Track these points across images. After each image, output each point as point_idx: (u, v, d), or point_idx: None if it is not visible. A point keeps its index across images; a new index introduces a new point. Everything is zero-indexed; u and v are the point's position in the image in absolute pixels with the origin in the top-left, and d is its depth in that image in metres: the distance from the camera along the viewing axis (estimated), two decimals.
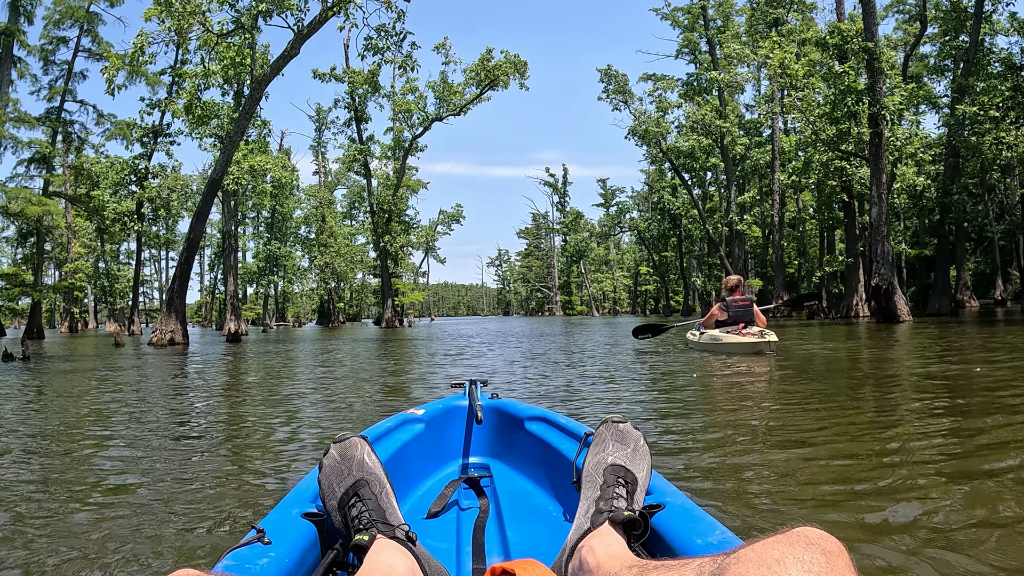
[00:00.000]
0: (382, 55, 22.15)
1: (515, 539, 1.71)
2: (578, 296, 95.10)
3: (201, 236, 21.42)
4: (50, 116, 36.46)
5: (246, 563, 1.20)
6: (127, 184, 35.43)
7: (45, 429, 4.96)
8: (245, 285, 62.68)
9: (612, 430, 1.60)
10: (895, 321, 20.32)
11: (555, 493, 2.00)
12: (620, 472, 1.49)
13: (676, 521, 1.38)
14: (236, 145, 21.07)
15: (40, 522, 2.62)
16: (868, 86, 21.07)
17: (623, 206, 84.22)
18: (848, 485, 2.84)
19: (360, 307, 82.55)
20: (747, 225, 41.97)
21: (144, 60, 21.49)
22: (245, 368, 11.37)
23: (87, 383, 8.82)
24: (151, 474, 3.40)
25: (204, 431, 4.83)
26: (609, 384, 7.03)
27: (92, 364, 12.96)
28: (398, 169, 44.45)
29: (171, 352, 16.78)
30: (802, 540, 0.78)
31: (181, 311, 21.15)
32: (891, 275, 20.60)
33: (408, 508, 1.96)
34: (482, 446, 2.45)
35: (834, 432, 4.04)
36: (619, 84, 42.81)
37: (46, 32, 36.50)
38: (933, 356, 9.19)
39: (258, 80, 20.75)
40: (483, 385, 2.72)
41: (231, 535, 2.40)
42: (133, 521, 2.58)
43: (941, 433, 3.88)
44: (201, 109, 24.21)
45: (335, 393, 7.00)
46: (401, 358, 12.65)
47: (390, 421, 2.22)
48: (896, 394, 5.80)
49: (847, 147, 22.97)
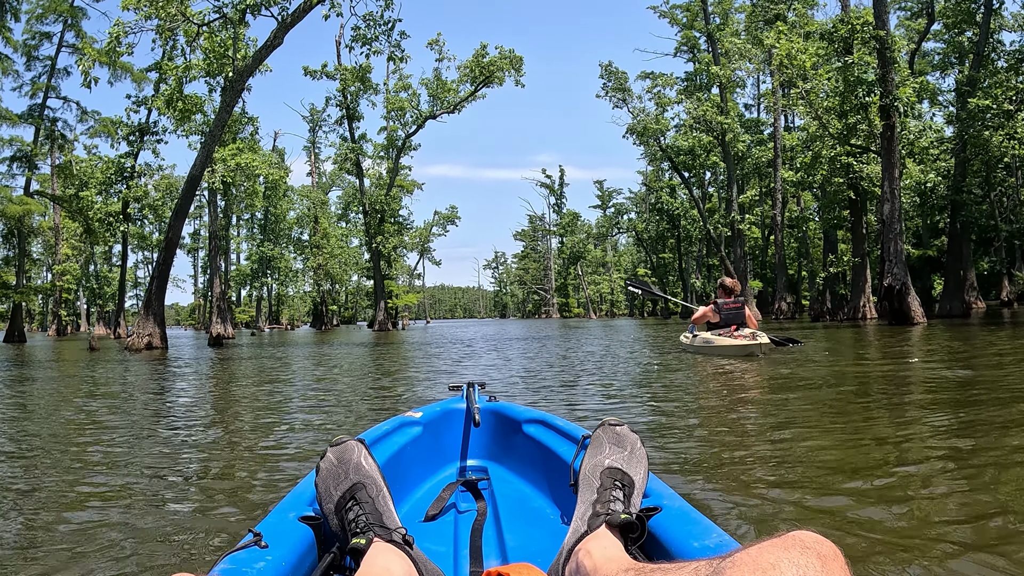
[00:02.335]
0: (370, 46, 21.18)
1: (512, 542, 1.69)
2: (575, 298, 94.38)
3: (179, 235, 20.40)
4: (33, 113, 35.38)
5: (243, 567, 1.18)
6: (113, 183, 34.44)
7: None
8: (239, 287, 61.91)
9: (609, 433, 1.58)
10: (908, 323, 19.37)
11: (552, 496, 1.99)
12: (617, 475, 1.47)
13: (673, 524, 1.35)
14: (217, 139, 20.09)
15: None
16: (879, 77, 20.13)
17: (620, 207, 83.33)
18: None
19: (355, 310, 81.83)
20: (747, 226, 41.07)
21: (121, 51, 20.58)
22: (200, 378, 10.39)
23: (12, 392, 7.83)
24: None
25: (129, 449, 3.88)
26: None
27: (45, 372, 11.99)
28: (391, 169, 43.51)
29: (145, 358, 15.79)
30: (798, 544, 0.77)
31: (160, 314, 20.17)
32: (904, 275, 19.65)
33: (405, 511, 1.95)
34: (480, 449, 2.44)
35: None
36: (619, 81, 42.01)
37: (29, 27, 35.48)
38: (987, 361, 8.26)
39: (239, 71, 19.76)
40: (481, 388, 2.68)
41: (227, 539, 2.34)
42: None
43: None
44: (183, 103, 23.29)
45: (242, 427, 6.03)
46: (369, 371, 11.69)
47: (387, 424, 2.20)
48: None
49: (857, 141, 21.97)
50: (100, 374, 10.99)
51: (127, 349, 19.06)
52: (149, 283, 20.58)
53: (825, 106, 21.56)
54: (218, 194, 35.28)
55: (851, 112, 20.60)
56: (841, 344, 13.12)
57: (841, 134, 21.60)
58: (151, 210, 37.56)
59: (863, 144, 22.55)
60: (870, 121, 20.53)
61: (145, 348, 19.24)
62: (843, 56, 21.54)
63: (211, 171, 31.62)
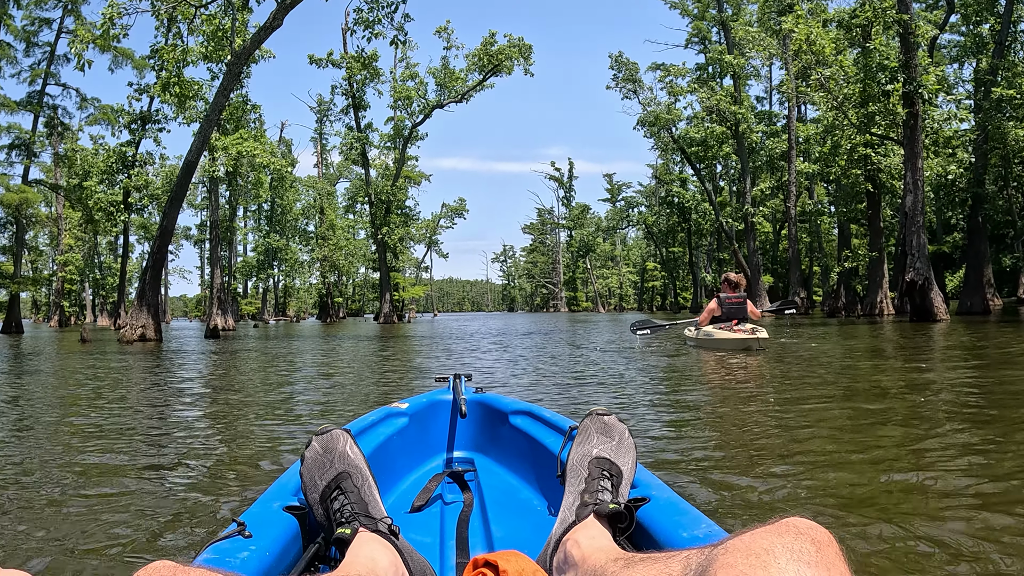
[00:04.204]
0: (372, 28, 20.44)
1: (499, 533, 1.67)
2: (583, 292, 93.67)
3: (175, 223, 19.74)
4: (32, 100, 34.80)
5: (226, 556, 1.16)
6: (115, 172, 33.89)
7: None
8: (246, 279, 61.46)
9: (597, 423, 1.55)
10: (931, 320, 18.56)
11: (540, 487, 1.96)
12: (605, 465, 1.46)
13: (661, 514, 1.34)
14: (213, 124, 19.43)
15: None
16: (902, 63, 19.27)
17: (630, 200, 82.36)
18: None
19: (363, 302, 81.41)
20: (759, 219, 40.20)
21: (116, 34, 19.90)
22: (185, 373, 9.73)
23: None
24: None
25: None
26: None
27: (17, 365, 11.35)
28: (398, 159, 42.83)
29: (136, 350, 15.14)
30: (791, 529, 0.76)
31: (154, 304, 19.55)
32: (927, 269, 18.83)
33: (391, 502, 1.91)
34: (466, 440, 2.41)
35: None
36: (629, 72, 41.20)
37: (28, 13, 34.87)
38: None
39: (238, 54, 19.07)
40: (467, 379, 2.62)
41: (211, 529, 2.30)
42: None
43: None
44: (180, 88, 22.61)
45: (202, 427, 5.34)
46: (366, 369, 11.03)
47: (374, 415, 2.16)
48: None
49: (878, 130, 21.08)
50: (77, 367, 10.34)
51: (119, 341, 18.44)
52: (143, 272, 19.97)
53: (845, 93, 20.67)
54: (220, 183, 34.60)
55: (873, 100, 19.70)
56: (883, 341, 12.36)
57: (862, 122, 20.71)
58: (152, 199, 36.99)
59: (884, 133, 21.65)
60: (892, 109, 19.63)
61: (139, 340, 18.62)
62: (862, 43, 20.67)
63: (212, 160, 31.01)
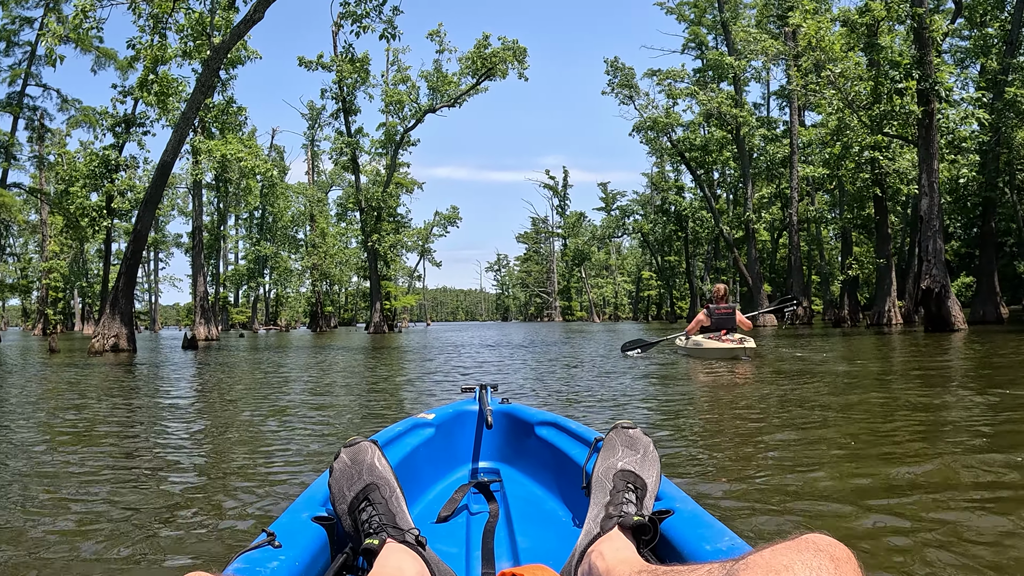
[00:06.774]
0: (360, 22, 19.45)
1: (524, 544, 1.67)
2: (578, 301, 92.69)
3: (149, 227, 18.66)
4: (11, 101, 33.68)
5: (256, 566, 1.17)
6: (98, 176, 32.74)
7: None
8: (236, 287, 60.32)
9: (622, 436, 1.55)
10: (948, 330, 17.59)
11: (565, 498, 1.95)
12: (630, 478, 1.46)
13: (685, 527, 1.34)
14: (191, 122, 18.39)
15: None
16: (917, 59, 18.35)
17: (625, 209, 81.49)
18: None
19: (355, 311, 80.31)
20: (761, 226, 39.27)
21: (88, 26, 18.88)
22: (118, 398, 8.66)
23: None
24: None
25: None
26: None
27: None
28: (389, 165, 41.82)
29: (102, 362, 14.04)
30: (811, 546, 0.77)
31: (127, 313, 18.49)
32: (944, 276, 17.86)
33: (418, 512, 1.91)
34: (492, 451, 2.40)
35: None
36: (625, 77, 40.34)
37: (8, 11, 33.80)
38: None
39: (216, 48, 18.04)
40: (493, 390, 2.62)
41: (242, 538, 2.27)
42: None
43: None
44: (159, 85, 21.60)
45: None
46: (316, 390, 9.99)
47: (400, 425, 2.17)
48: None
49: (891, 130, 20.12)
50: (26, 382, 9.25)
51: (88, 352, 17.34)
52: (116, 279, 18.86)
53: (857, 90, 19.72)
54: (203, 189, 33.50)
55: (886, 99, 18.74)
56: (919, 356, 11.36)
57: (874, 122, 19.74)
58: (137, 204, 35.84)
59: (897, 132, 20.69)
60: (905, 108, 18.67)
61: (110, 350, 17.52)
62: (869, 41, 19.75)
63: (196, 163, 29.94)
